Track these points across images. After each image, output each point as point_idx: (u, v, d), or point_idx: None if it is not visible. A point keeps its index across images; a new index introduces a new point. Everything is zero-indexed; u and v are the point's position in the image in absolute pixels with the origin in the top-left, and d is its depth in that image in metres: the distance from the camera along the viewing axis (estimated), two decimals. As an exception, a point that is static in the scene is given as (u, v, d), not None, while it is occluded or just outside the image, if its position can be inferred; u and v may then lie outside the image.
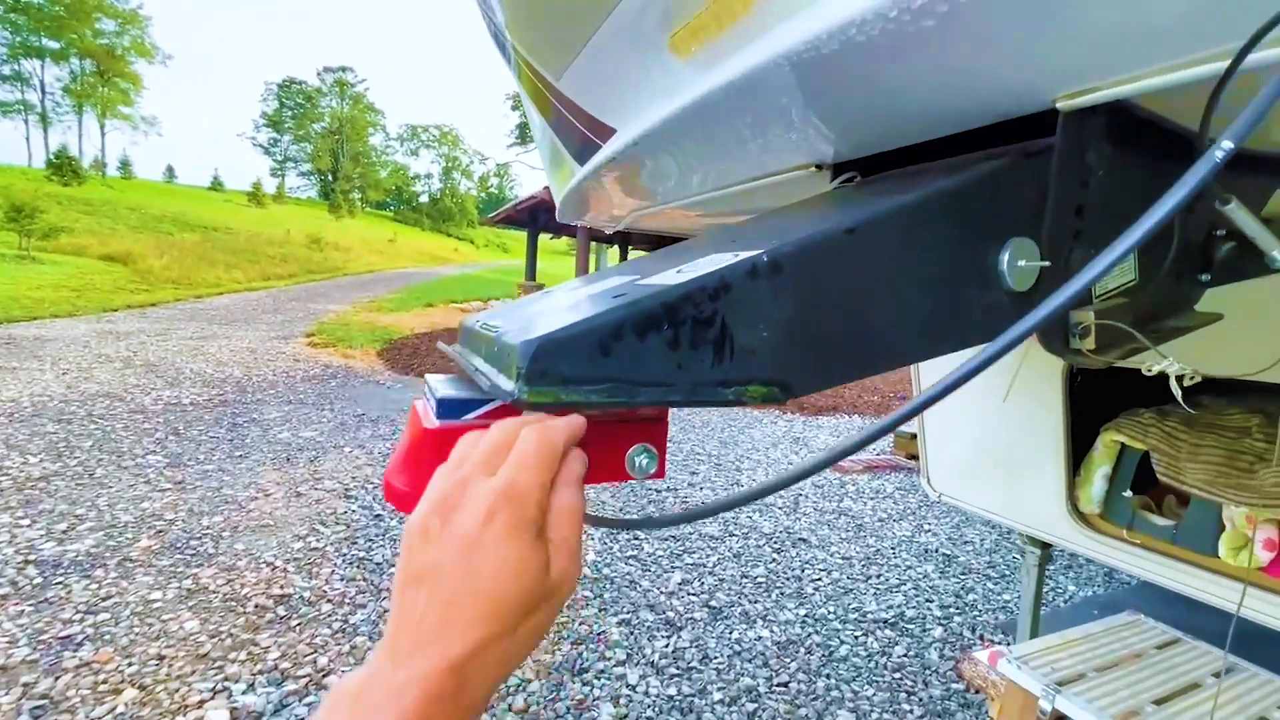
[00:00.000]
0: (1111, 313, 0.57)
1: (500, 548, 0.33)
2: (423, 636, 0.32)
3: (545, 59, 0.91)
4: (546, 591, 0.35)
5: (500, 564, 0.33)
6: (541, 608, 0.35)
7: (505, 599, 0.33)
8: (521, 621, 0.34)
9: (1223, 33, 0.40)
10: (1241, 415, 1.49)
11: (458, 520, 0.34)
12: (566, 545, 0.36)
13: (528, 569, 0.34)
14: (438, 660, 0.32)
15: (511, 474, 0.35)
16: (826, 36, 0.45)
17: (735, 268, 0.42)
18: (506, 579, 0.33)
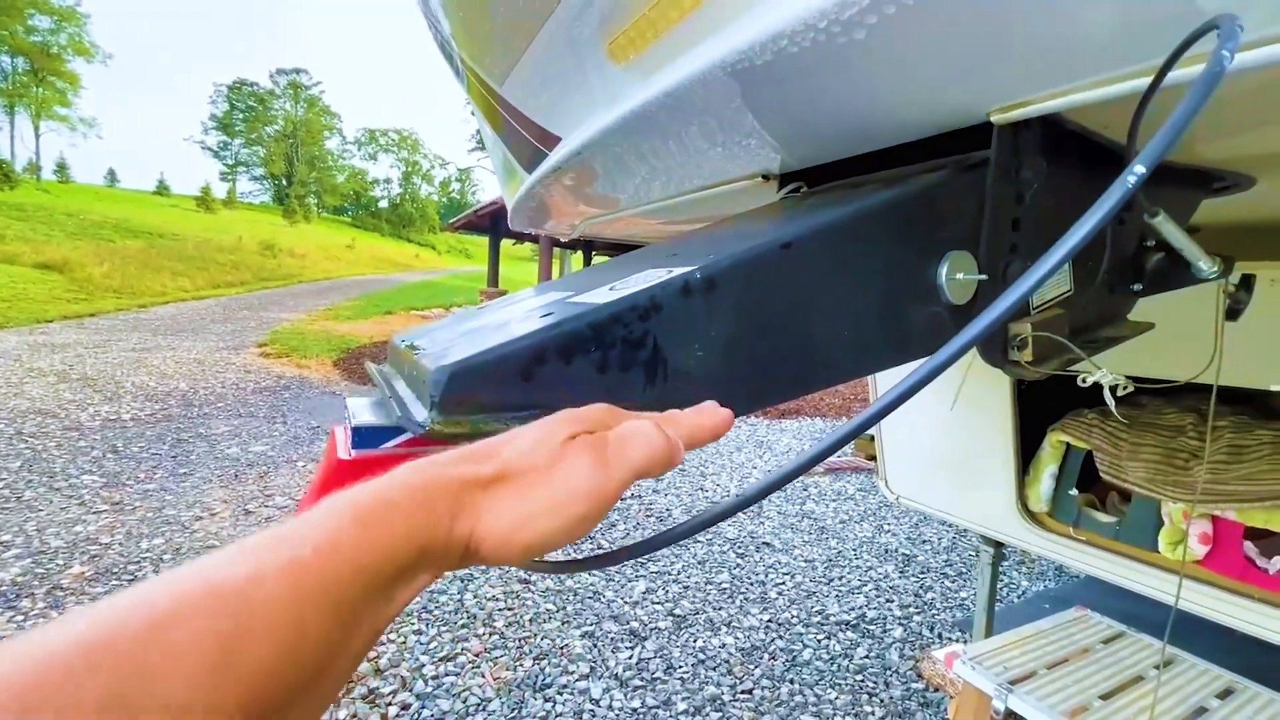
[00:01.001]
0: (1048, 324, 0.58)
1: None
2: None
3: (488, 67, 0.88)
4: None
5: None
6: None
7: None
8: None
9: (1146, 50, 0.40)
10: (1177, 415, 1.55)
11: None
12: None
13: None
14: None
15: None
16: (758, 47, 0.44)
17: (667, 286, 0.41)
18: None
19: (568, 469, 0.31)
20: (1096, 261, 0.63)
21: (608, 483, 0.32)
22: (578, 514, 0.31)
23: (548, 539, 0.31)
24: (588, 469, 0.31)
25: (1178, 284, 0.69)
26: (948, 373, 1.48)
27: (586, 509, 0.31)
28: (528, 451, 0.32)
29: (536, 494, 0.31)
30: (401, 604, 0.28)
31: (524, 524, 0.30)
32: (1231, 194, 0.77)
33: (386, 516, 0.27)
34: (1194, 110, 0.28)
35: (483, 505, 0.30)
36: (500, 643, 2.48)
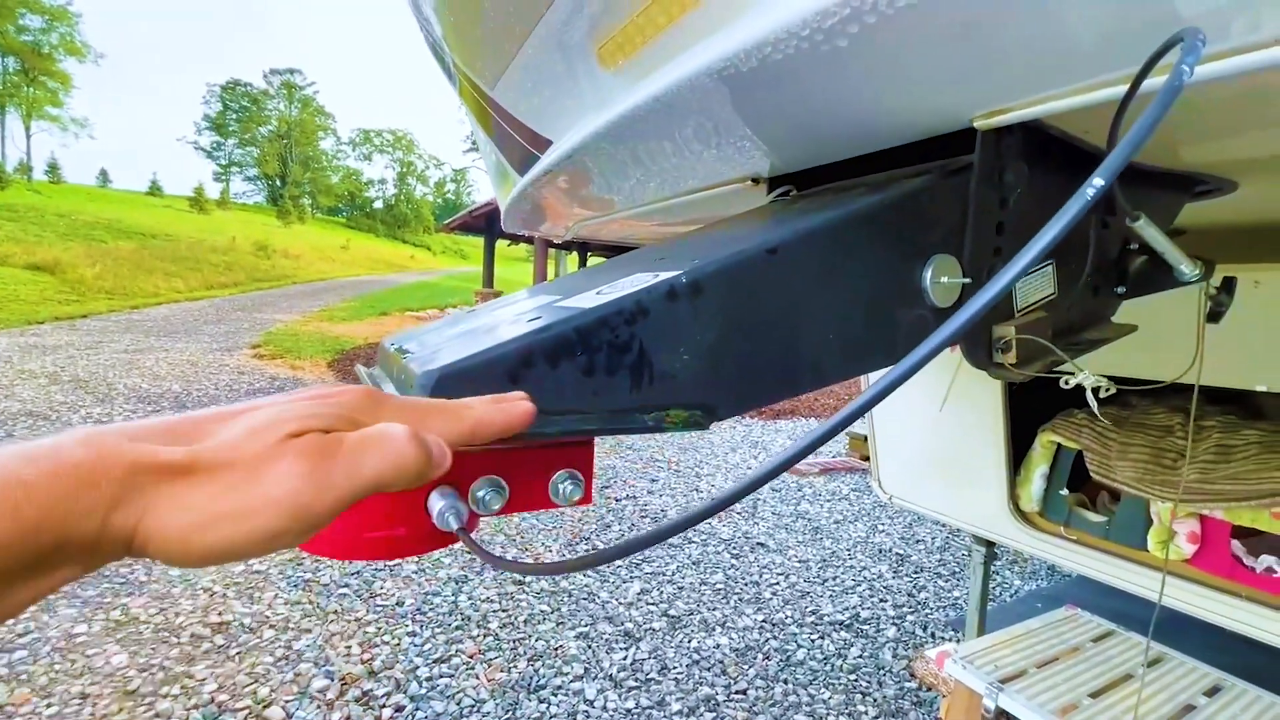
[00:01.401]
0: (1032, 327, 0.58)
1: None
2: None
3: (480, 70, 0.89)
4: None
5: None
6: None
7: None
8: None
9: (1124, 58, 0.41)
10: (1165, 415, 1.56)
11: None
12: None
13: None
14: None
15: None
16: (745, 54, 0.45)
17: (653, 290, 0.41)
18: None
19: (273, 474, 0.27)
20: (1080, 264, 0.64)
21: (318, 499, 0.27)
22: (273, 528, 0.26)
23: (232, 548, 0.26)
24: (296, 479, 0.27)
25: (1160, 287, 0.70)
26: (939, 374, 1.50)
27: (284, 524, 0.26)
28: (235, 443, 0.27)
29: (227, 495, 0.26)
30: (28, 600, 0.24)
31: (204, 527, 0.25)
32: (1214, 198, 0.79)
33: (15, 499, 0.22)
34: (1155, 121, 0.29)
35: (156, 496, 0.25)
36: (495, 644, 2.48)
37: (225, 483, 0.26)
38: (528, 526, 3.65)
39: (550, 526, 3.68)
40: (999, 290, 0.31)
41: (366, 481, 0.28)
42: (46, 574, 0.24)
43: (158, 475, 0.25)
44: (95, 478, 0.24)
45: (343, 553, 0.43)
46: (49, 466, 0.23)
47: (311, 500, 0.27)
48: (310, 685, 2.16)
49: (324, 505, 0.27)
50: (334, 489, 0.28)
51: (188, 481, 0.26)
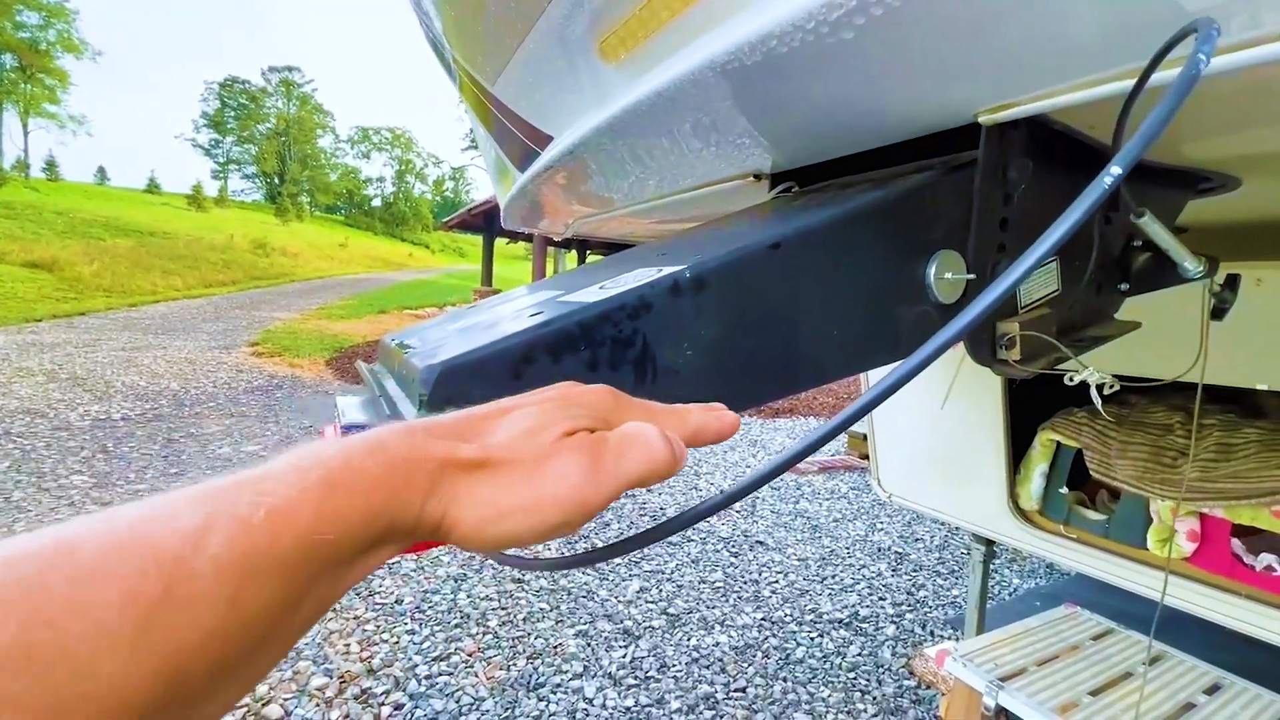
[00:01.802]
0: (1036, 323, 0.58)
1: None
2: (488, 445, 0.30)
3: (480, 65, 0.88)
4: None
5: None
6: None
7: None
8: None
9: (1131, 52, 0.40)
10: (1165, 413, 1.56)
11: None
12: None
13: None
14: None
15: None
16: (749, 48, 0.45)
17: (656, 285, 0.41)
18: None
19: (557, 471, 0.29)
20: (1084, 261, 0.64)
21: (596, 494, 0.29)
22: (557, 520, 0.29)
23: (520, 537, 0.29)
24: (578, 476, 0.29)
25: (1164, 284, 0.70)
26: (940, 371, 1.50)
27: (567, 516, 0.29)
28: (517, 440, 0.30)
29: (518, 490, 0.28)
30: (358, 577, 0.26)
31: (499, 518, 0.28)
32: (1217, 194, 0.78)
33: (357, 485, 0.25)
34: (1172, 110, 0.29)
35: (460, 489, 0.28)
36: (494, 642, 2.48)
37: (515, 478, 0.29)
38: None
39: (549, 525, 3.68)
40: (1010, 285, 0.30)
41: (631, 477, 0.30)
42: (377, 551, 0.26)
43: (460, 470, 0.28)
44: (414, 471, 0.27)
45: None
46: (385, 459, 0.26)
47: (590, 495, 0.29)
48: (309, 683, 2.16)
49: (599, 499, 0.29)
50: (607, 484, 0.30)
51: (484, 475, 0.28)
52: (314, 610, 0.25)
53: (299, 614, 0.24)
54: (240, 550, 0.22)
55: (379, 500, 0.25)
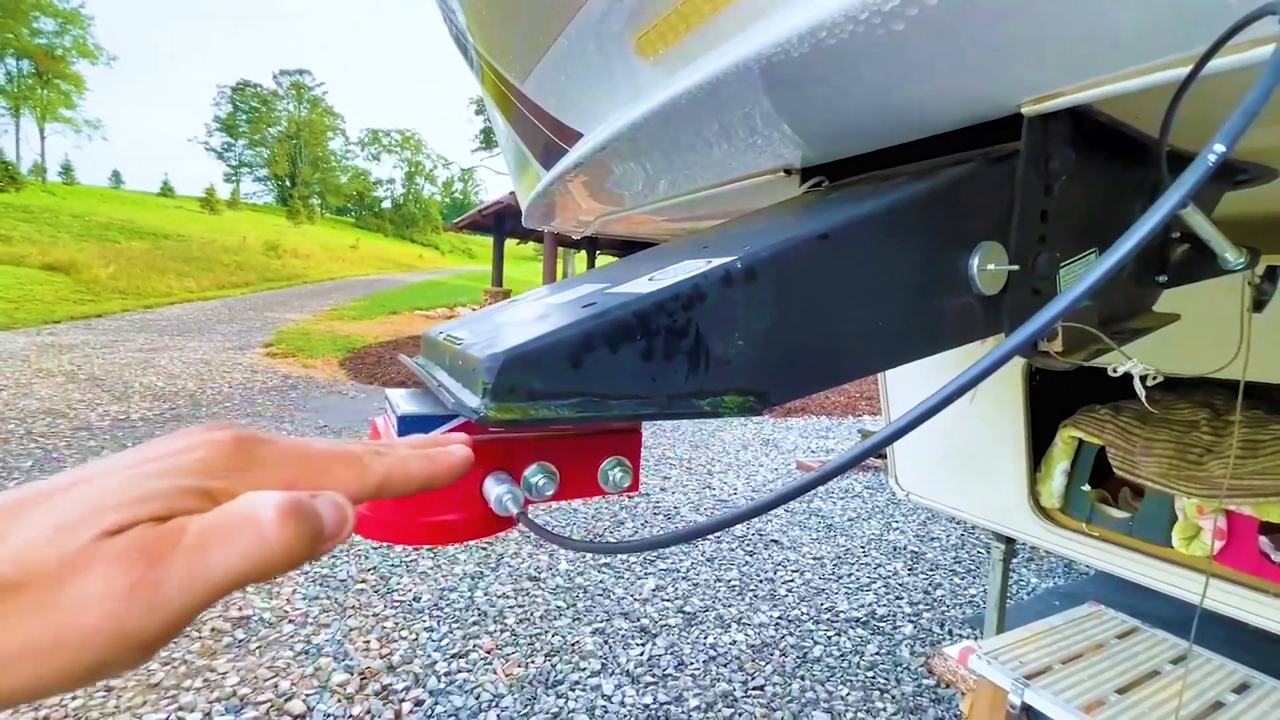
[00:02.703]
0: (1077, 315, 0.58)
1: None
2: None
3: (508, 63, 0.89)
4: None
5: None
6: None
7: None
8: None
9: (1185, 40, 0.40)
10: (1190, 409, 1.55)
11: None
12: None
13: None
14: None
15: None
16: (797, 39, 0.45)
17: (709, 275, 0.41)
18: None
19: (82, 589, 0.20)
20: (1123, 253, 0.64)
21: (146, 621, 0.21)
22: (91, 662, 0.20)
23: (41, 688, 0.20)
24: (115, 596, 0.20)
25: (1202, 275, 0.69)
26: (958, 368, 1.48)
27: (105, 655, 0.20)
28: (36, 548, 0.20)
29: (25, 623, 0.20)
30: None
31: (4, 666, 0.19)
32: (1253, 186, 0.78)
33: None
34: (1275, 82, 0.29)
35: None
36: (511, 639, 2.49)
37: (17, 607, 0.20)
38: (542, 521, 3.66)
39: (564, 523, 3.68)
40: (1093, 282, 0.30)
41: (215, 586, 0.22)
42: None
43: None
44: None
45: (396, 537, 0.43)
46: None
47: (138, 624, 0.20)
48: (330, 679, 2.18)
49: (154, 627, 0.21)
50: (167, 605, 0.21)
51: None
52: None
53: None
54: None
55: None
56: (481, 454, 0.44)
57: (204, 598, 0.22)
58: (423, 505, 0.43)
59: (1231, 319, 0.89)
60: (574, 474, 0.47)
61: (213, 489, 0.23)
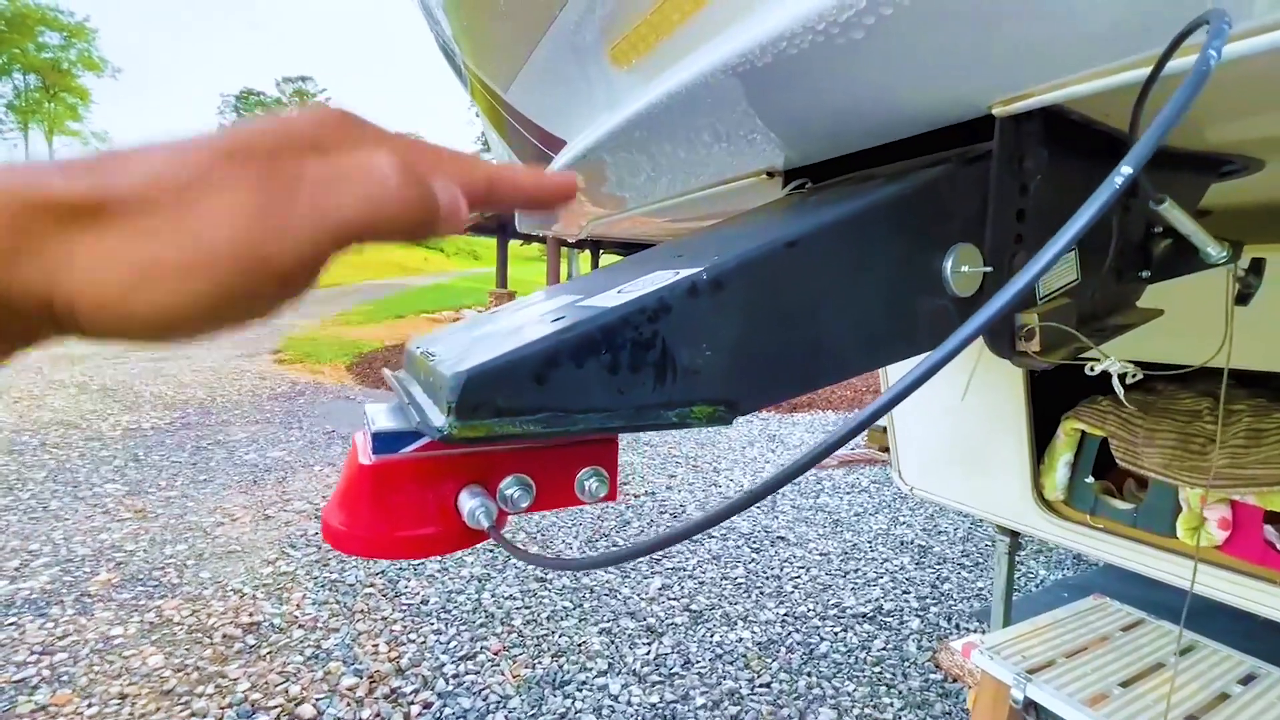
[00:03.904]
0: (1055, 313, 0.58)
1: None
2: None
3: (492, 72, 0.90)
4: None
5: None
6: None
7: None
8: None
9: (1146, 39, 0.40)
10: (1193, 399, 1.54)
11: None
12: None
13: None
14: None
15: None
16: (758, 49, 0.45)
17: (674, 287, 0.42)
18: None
19: (214, 206, 0.20)
20: (1104, 250, 0.63)
21: (280, 242, 0.20)
22: (224, 284, 0.20)
23: (181, 314, 0.20)
24: (247, 215, 0.20)
25: (1187, 270, 0.69)
26: (959, 363, 1.49)
27: (239, 279, 0.20)
28: (160, 168, 0.20)
29: (161, 238, 0.19)
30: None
31: (139, 284, 0.19)
32: (1240, 178, 0.77)
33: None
34: (1182, 107, 0.29)
35: (70, 244, 0.19)
36: (519, 641, 2.50)
37: (152, 223, 0.19)
38: (548, 524, 3.67)
39: (570, 524, 3.70)
40: (1024, 285, 0.31)
41: (341, 225, 0.21)
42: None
43: (62, 218, 0.19)
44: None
45: (374, 552, 0.44)
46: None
47: (270, 248, 0.20)
48: (340, 683, 2.20)
49: (286, 254, 0.20)
50: (297, 232, 0.20)
51: (105, 223, 0.19)
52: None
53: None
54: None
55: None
56: (456, 467, 0.44)
57: (331, 236, 0.21)
58: (400, 520, 0.44)
59: (1221, 310, 0.89)
60: (551, 485, 0.47)
61: (322, 145, 0.22)
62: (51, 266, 0.19)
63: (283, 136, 0.22)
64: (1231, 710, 1.32)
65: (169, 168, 0.20)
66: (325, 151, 0.22)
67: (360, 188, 0.21)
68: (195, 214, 0.20)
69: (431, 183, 0.23)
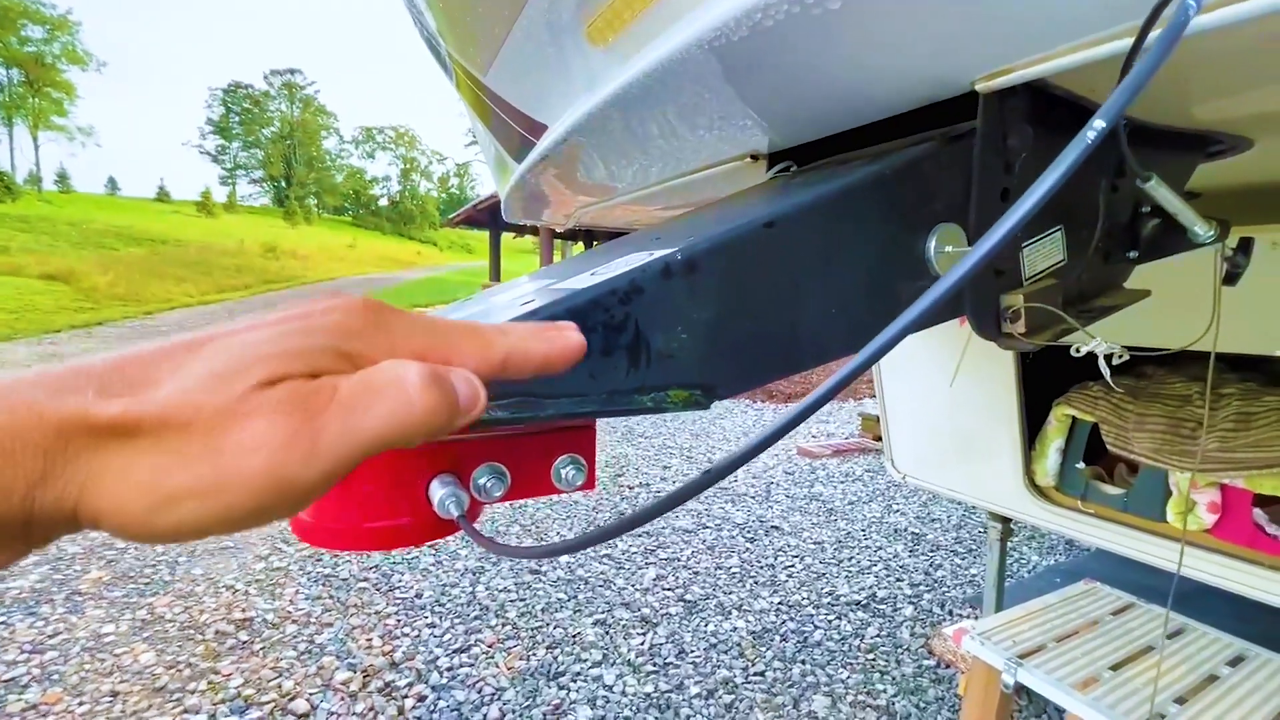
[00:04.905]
0: (1041, 295, 0.57)
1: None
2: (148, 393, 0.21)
3: (472, 57, 0.88)
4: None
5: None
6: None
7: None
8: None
9: (1127, 10, 0.39)
10: (1183, 384, 1.54)
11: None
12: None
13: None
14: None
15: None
16: (734, 22, 0.44)
17: (647, 269, 0.40)
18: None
19: (246, 438, 0.21)
20: (1090, 229, 0.63)
21: (304, 470, 0.21)
22: (249, 506, 0.21)
23: (203, 528, 0.21)
24: (276, 446, 0.21)
25: (1174, 250, 0.68)
26: (949, 349, 1.47)
27: (263, 501, 0.21)
28: (192, 394, 0.21)
29: (191, 465, 0.21)
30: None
31: (165, 505, 0.20)
32: (1229, 157, 0.76)
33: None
34: (1160, 59, 0.28)
35: (98, 466, 0.20)
36: (513, 633, 2.50)
37: (185, 447, 0.21)
38: (542, 516, 3.67)
39: (564, 516, 3.69)
40: (997, 241, 0.30)
41: (367, 443, 0.22)
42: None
43: (94, 437, 0.20)
44: (19, 442, 0.19)
45: (342, 544, 0.43)
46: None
47: (296, 472, 0.21)
48: (334, 678, 2.19)
49: (312, 477, 0.22)
50: (324, 456, 0.22)
51: (136, 444, 0.20)
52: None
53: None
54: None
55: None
56: (427, 456, 0.43)
57: (355, 453, 0.22)
58: (369, 510, 0.43)
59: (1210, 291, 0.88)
60: (526, 473, 0.46)
61: (351, 352, 0.24)
62: (81, 482, 0.20)
63: (316, 336, 0.23)
64: (1220, 692, 1.33)
65: (203, 389, 0.21)
66: (354, 354, 0.24)
67: (387, 403, 0.23)
68: (227, 441, 0.21)
69: (452, 379, 0.24)
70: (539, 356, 0.28)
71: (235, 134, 69.69)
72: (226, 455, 0.21)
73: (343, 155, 76.96)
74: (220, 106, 68.85)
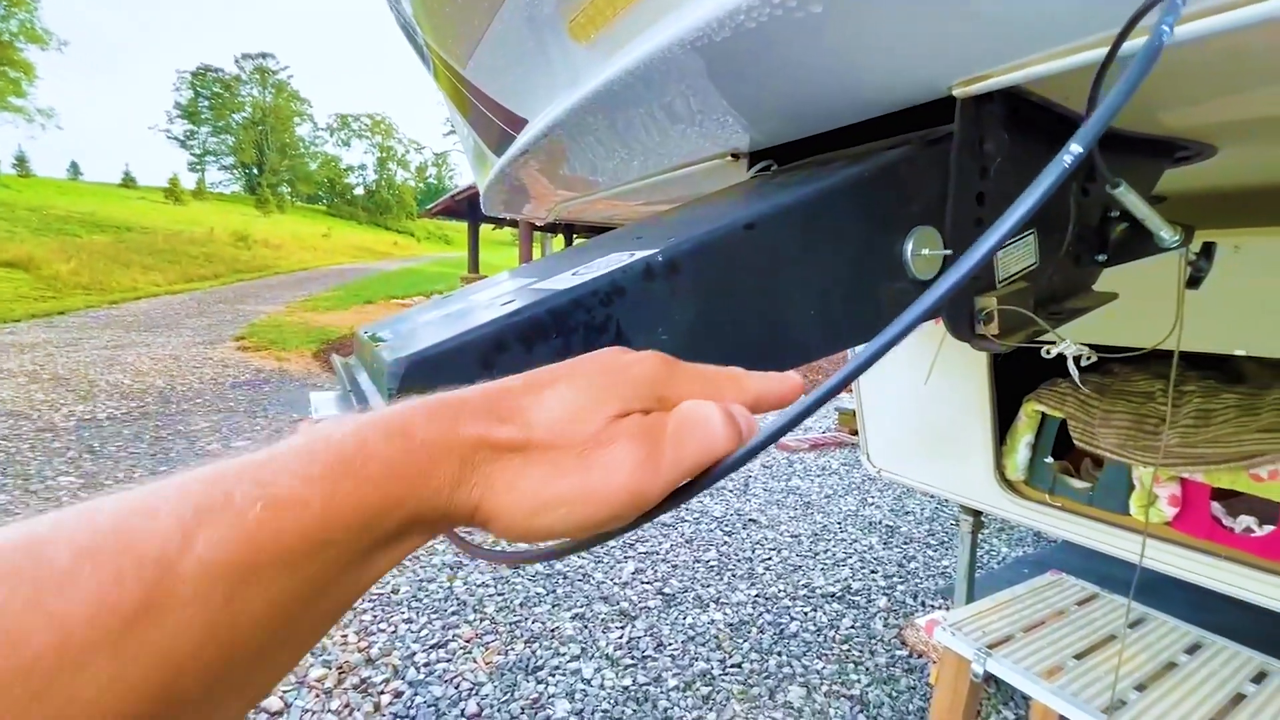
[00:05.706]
0: (1013, 297, 0.58)
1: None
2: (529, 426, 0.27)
3: (451, 48, 0.86)
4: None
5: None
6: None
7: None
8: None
9: (1104, 19, 0.40)
10: (1147, 381, 1.58)
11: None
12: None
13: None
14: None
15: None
16: (716, 23, 0.44)
17: (628, 269, 0.40)
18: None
19: (612, 460, 0.26)
20: (1061, 233, 0.64)
21: (653, 487, 0.27)
22: (608, 514, 0.26)
23: (568, 530, 0.27)
24: (635, 466, 0.26)
25: (1141, 254, 0.70)
26: (924, 347, 1.50)
27: (619, 510, 0.27)
28: (563, 423, 0.27)
29: (567, 479, 0.26)
30: (381, 571, 0.24)
31: (543, 509, 0.26)
32: (1194, 163, 0.78)
33: (372, 473, 0.22)
34: (1133, 85, 0.28)
35: (497, 476, 0.25)
36: (491, 628, 2.50)
37: (562, 465, 0.26)
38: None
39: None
40: (977, 261, 0.30)
41: (691, 465, 0.28)
42: (400, 542, 0.24)
43: (496, 453, 0.25)
44: (447, 454, 0.24)
45: None
46: (405, 442, 0.24)
47: (647, 488, 0.27)
48: (308, 674, 2.17)
49: (656, 490, 0.27)
50: (665, 474, 0.27)
51: (525, 461, 0.26)
52: (330, 609, 0.23)
53: (310, 615, 0.22)
54: (234, 549, 0.19)
55: (399, 489, 0.23)
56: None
57: (682, 475, 0.28)
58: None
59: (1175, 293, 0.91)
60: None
61: (663, 395, 0.29)
62: (483, 487, 0.25)
63: (642, 384, 0.29)
64: (1178, 678, 1.38)
65: (571, 418, 0.27)
66: (664, 396, 0.29)
67: (702, 434, 0.28)
68: (596, 460, 0.26)
69: (734, 414, 0.29)
70: (776, 396, 0.33)
71: (204, 119, 67.72)
72: (595, 470, 0.26)
73: (317, 143, 75.34)
74: (189, 90, 66.83)
